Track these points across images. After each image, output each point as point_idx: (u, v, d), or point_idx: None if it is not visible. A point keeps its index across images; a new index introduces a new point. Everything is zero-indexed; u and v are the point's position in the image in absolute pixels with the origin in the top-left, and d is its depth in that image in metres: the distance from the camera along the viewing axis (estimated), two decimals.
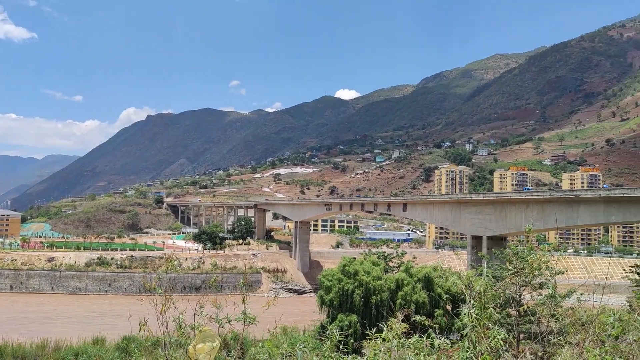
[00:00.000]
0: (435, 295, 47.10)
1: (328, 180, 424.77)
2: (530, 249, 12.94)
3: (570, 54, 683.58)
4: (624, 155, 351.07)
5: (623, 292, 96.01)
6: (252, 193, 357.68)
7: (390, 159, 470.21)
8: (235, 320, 8.24)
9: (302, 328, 59.73)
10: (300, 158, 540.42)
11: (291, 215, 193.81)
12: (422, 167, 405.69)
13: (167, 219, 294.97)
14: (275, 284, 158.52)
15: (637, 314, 8.14)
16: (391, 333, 6.97)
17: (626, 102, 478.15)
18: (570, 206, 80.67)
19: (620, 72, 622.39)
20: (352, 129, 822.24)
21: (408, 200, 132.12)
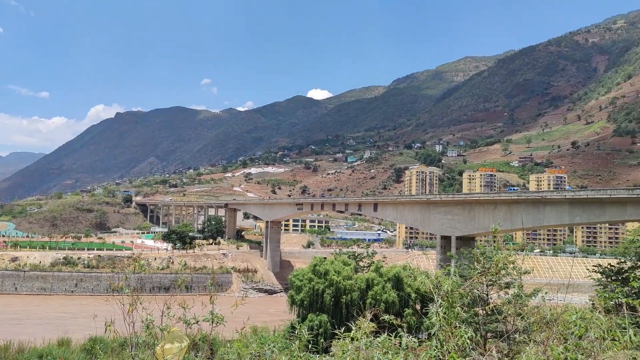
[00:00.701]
0: (405, 295, 47.50)
1: (299, 180, 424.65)
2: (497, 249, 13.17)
3: (538, 57, 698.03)
4: (589, 157, 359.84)
5: (586, 291, 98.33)
6: (222, 192, 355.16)
7: (361, 159, 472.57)
8: (203, 321, 8.17)
9: (272, 328, 59.59)
10: (272, 157, 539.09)
11: (262, 215, 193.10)
12: (392, 167, 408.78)
13: (136, 218, 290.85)
14: (245, 284, 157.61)
15: (599, 313, 8.36)
16: (360, 332, 7.01)
17: (591, 105, 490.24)
18: (536, 207, 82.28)
19: (585, 77, 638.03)
20: (324, 129, 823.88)
21: (379, 201, 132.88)
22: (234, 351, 9.21)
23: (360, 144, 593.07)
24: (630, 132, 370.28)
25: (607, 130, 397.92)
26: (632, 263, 53.00)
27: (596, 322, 8.00)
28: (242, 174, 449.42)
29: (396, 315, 44.11)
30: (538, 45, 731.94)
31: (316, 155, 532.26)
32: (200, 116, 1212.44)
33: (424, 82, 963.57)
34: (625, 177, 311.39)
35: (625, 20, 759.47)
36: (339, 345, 7.13)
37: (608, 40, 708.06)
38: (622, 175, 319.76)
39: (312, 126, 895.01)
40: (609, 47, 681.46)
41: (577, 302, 64.10)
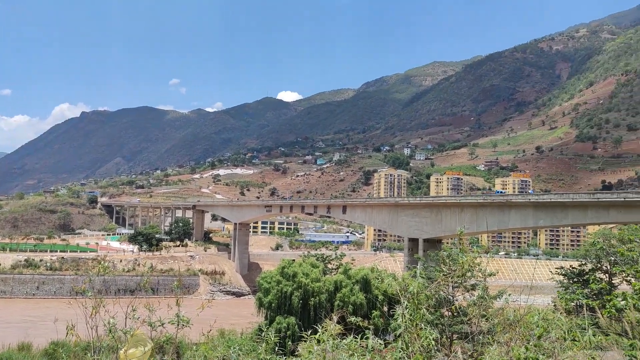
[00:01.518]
0: (373, 297, 47.75)
1: (268, 181, 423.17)
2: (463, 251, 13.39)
3: (504, 64, 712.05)
4: (552, 162, 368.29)
5: (549, 293, 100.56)
6: (190, 194, 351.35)
7: (330, 161, 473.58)
8: (169, 323, 8.06)
9: (240, 331, 59.19)
10: (241, 159, 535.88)
11: (230, 217, 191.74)
12: (361, 170, 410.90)
13: (102, 219, 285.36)
14: (213, 287, 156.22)
15: (560, 314, 8.56)
16: (326, 334, 7.03)
17: (554, 111, 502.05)
18: (502, 210, 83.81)
19: (549, 83, 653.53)
20: (294, 131, 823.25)
21: (348, 203, 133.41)
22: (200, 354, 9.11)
23: (330, 147, 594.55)
24: (591, 137, 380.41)
25: (570, 135, 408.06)
26: (593, 265, 54.43)
27: (557, 323, 8.21)
28: (210, 175, 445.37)
29: (364, 317, 44.26)
30: (504, 52, 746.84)
31: (285, 157, 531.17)
32: (168, 116, 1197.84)
33: (394, 86, 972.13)
34: (586, 182, 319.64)
35: (587, 29, 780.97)
36: (305, 348, 7.13)
37: (571, 48, 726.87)
38: (584, 179, 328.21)
39: (282, 128, 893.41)
40: (572, 55, 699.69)
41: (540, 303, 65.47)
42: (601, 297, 32.03)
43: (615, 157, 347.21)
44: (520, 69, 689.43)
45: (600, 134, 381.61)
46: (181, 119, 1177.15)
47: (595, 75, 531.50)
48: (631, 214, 67.27)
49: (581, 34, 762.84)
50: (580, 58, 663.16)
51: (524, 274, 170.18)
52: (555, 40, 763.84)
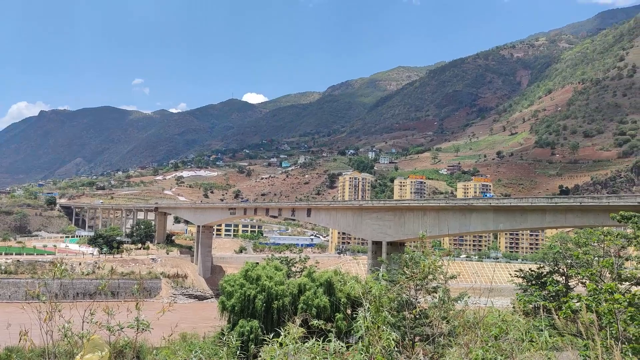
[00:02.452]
0: (336, 300, 47.93)
1: (233, 184, 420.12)
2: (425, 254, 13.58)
3: (467, 70, 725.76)
4: (512, 167, 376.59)
5: (509, 295, 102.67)
6: (153, 196, 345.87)
7: (295, 164, 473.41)
8: (128, 327, 7.90)
9: (202, 334, 58.52)
10: (205, 161, 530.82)
11: (194, 219, 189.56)
12: (326, 173, 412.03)
13: (60, 221, 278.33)
14: (175, 290, 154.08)
15: (518, 315, 8.76)
16: (288, 338, 7.01)
17: (515, 117, 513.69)
18: (463, 214, 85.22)
19: (510, 90, 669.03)
20: (259, 133, 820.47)
21: (312, 206, 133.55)
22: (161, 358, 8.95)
23: (295, 149, 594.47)
24: (550, 143, 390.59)
25: (530, 141, 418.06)
26: (550, 268, 55.84)
27: (515, 324, 8.39)
28: (173, 177, 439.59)
29: (328, 319, 44.41)
30: (467, 58, 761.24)
31: (250, 159, 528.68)
32: (130, 117, 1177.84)
33: (359, 90, 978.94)
34: (545, 186, 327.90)
35: (547, 38, 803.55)
36: (266, 351, 7.10)
37: (531, 56, 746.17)
38: (542, 184, 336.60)
39: (247, 130, 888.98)
40: (532, 63, 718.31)
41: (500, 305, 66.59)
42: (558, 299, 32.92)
43: (572, 162, 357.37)
44: (482, 76, 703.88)
45: (558, 140, 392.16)
46: (144, 119, 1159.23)
47: (553, 83, 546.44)
48: (587, 218, 69.31)
49: (541, 43, 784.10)
50: (539, 66, 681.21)
51: (484, 277, 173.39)
52: (516, 48, 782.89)
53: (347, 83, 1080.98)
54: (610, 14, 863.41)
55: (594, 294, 16.78)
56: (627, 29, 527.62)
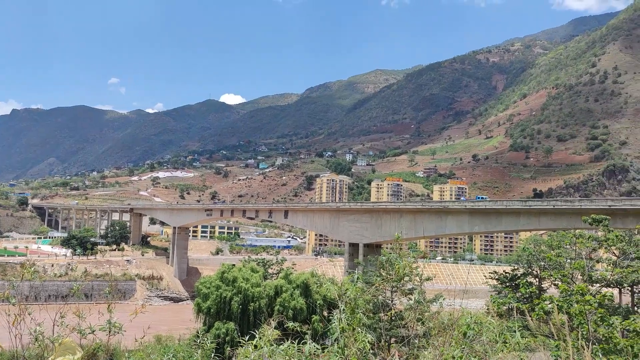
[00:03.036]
0: (313, 301, 47.92)
1: (209, 185, 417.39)
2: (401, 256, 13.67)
3: (444, 74, 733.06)
4: (488, 170, 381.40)
5: (483, 297, 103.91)
6: (128, 196, 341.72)
7: (273, 166, 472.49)
8: (100, 330, 7.78)
9: (177, 337, 57.94)
10: (181, 162, 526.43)
11: (169, 221, 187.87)
12: (304, 175, 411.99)
13: (32, 222, 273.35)
14: (150, 292, 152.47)
15: (491, 317, 8.86)
16: (263, 340, 6.99)
17: (490, 121, 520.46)
18: (439, 216, 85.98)
19: (486, 94, 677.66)
20: (236, 135, 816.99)
21: (289, 208, 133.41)
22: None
23: (273, 151, 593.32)
24: (524, 147, 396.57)
25: (505, 145, 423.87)
26: (524, 270, 56.68)
27: (488, 326, 8.50)
28: (149, 177, 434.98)
29: (304, 321, 44.38)
30: (444, 62, 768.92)
31: (227, 160, 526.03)
32: (106, 116, 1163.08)
33: (337, 92, 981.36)
34: (519, 190, 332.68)
35: (522, 43, 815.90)
36: (241, 353, 7.06)
37: (506, 60, 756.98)
38: (517, 187, 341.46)
39: (224, 131, 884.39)
40: (507, 67, 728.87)
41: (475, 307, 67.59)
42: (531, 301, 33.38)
43: (546, 166, 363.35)
44: (458, 79, 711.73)
45: (533, 144, 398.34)
46: (120, 119, 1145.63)
47: (528, 87, 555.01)
48: (560, 221, 70.51)
49: (516, 48, 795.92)
50: (514, 71, 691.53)
51: (459, 279, 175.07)
52: (492, 52, 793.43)
53: (325, 85, 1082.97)
54: (583, 20, 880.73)
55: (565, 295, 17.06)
56: (599, 35, 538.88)
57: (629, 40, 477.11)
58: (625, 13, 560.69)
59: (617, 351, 12.30)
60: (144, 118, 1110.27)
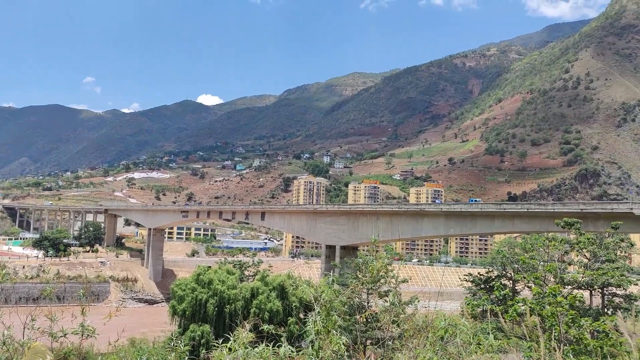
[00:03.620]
0: (289, 304, 47.80)
1: (186, 186, 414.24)
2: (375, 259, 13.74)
3: (421, 77, 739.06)
4: (463, 173, 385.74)
5: (458, 299, 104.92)
6: (103, 197, 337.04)
7: (250, 167, 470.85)
8: (72, 334, 7.65)
9: (152, 339, 57.29)
10: (157, 163, 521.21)
11: (145, 222, 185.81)
12: (281, 177, 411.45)
13: (3, 223, 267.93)
14: (124, 294, 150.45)
15: (465, 319, 8.96)
16: (238, 342, 6.96)
17: (466, 125, 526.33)
18: (415, 219, 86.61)
19: (462, 98, 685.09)
20: (213, 136, 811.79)
21: (267, 210, 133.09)
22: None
23: (250, 152, 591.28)
24: (499, 151, 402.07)
25: (480, 148, 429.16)
26: (498, 272, 57.37)
27: (462, 328, 8.59)
28: (124, 178, 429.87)
29: (280, 324, 44.32)
30: (421, 66, 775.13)
31: (204, 161, 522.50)
32: (81, 116, 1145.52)
33: (315, 94, 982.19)
34: (494, 193, 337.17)
35: (497, 48, 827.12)
36: (215, 357, 7.02)
37: (482, 65, 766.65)
38: (492, 190, 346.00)
39: (201, 132, 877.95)
40: (483, 72, 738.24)
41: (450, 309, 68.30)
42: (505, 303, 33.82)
43: (520, 170, 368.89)
44: (435, 83, 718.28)
45: (507, 148, 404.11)
46: (95, 119, 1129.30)
47: (503, 92, 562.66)
48: (533, 224, 71.61)
49: (492, 53, 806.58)
50: (490, 75, 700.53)
51: (435, 281, 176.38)
52: (468, 57, 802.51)
53: (304, 87, 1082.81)
54: (557, 27, 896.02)
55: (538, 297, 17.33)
56: (572, 42, 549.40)
57: (600, 48, 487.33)
58: (597, 21, 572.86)
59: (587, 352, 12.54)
60: (120, 118, 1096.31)
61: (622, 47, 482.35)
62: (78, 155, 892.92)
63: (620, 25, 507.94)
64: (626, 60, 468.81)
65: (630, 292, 41.87)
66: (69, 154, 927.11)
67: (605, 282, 38.41)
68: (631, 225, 62.19)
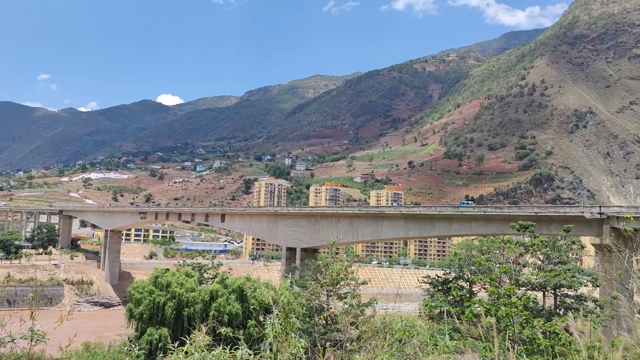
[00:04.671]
0: (249, 306, 47.50)
1: (144, 187, 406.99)
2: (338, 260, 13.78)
3: (382, 81, 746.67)
4: (422, 176, 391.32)
5: (417, 300, 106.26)
6: (57, 198, 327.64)
7: (211, 168, 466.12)
8: (21, 339, 7.40)
9: (107, 343, 56.04)
10: (115, 163, 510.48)
11: (102, 224, 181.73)
12: (242, 178, 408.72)
13: None
14: (79, 297, 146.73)
15: (421, 320, 9.08)
16: (194, 346, 6.86)
17: (425, 129, 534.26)
18: (375, 221, 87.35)
19: (422, 102, 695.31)
20: (173, 136, 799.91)
21: (227, 211, 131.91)
22: None
23: (211, 153, 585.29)
24: (457, 155, 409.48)
25: (439, 152, 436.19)
26: (456, 274, 58.34)
27: (419, 329, 8.70)
28: (80, 179, 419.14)
29: (240, 326, 43.99)
30: (382, 70, 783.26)
31: (163, 162, 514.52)
32: (35, 114, 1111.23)
33: (277, 96, 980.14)
34: (452, 196, 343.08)
35: (457, 54, 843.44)
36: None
37: (442, 71, 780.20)
38: (450, 194, 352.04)
39: (161, 132, 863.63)
40: (443, 77, 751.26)
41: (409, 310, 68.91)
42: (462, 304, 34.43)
43: (478, 173, 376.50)
44: (396, 87, 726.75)
45: (466, 152, 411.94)
46: (50, 117, 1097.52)
47: (462, 97, 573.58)
48: (490, 226, 73.18)
49: (451, 59, 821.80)
50: (449, 80, 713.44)
51: (394, 282, 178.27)
52: (428, 62, 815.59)
53: (266, 88, 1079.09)
54: (514, 35, 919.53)
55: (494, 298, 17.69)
56: (528, 50, 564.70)
57: (554, 56, 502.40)
58: (551, 30, 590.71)
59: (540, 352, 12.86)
60: (76, 117, 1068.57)
61: (575, 56, 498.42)
62: (32, 154, 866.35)
63: (573, 35, 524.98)
64: (578, 69, 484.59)
65: (581, 293, 43.23)
66: (21, 153, 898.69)
67: (557, 284, 39.52)
68: (582, 228, 64.25)
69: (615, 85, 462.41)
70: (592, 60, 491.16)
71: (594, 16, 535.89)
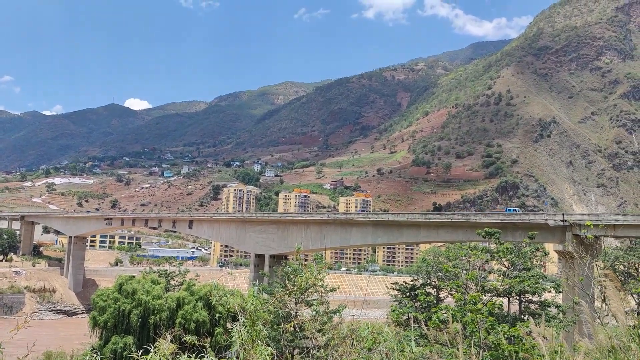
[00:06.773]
0: (216, 314, 47.01)
1: (110, 193, 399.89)
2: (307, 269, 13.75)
3: (352, 89, 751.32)
4: (391, 183, 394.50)
5: (385, 307, 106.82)
6: (19, 203, 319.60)
7: (179, 174, 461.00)
8: None
9: (70, 353, 54.71)
10: (80, 168, 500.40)
11: (65, 230, 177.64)
12: (211, 184, 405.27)
13: None
14: (41, 305, 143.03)
15: (388, 327, 9.12)
16: (158, 354, 6.75)
17: (394, 137, 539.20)
18: (344, 228, 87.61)
19: (391, 110, 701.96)
20: (140, 141, 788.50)
21: (195, 218, 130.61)
22: None
23: (179, 159, 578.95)
24: (425, 162, 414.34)
25: (408, 160, 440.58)
26: (423, 280, 58.84)
27: (386, 335, 8.73)
28: (44, 184, 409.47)
29: (207, 334, 43.45)
30: (352, 78, 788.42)
31: (130, 167, 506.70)
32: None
33: (247, 102, 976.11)
34: (420, 203, 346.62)
35: (425, 63, 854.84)
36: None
37: (411, 79, 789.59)
38: (418, 201, 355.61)
39: (128, 137, 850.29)
40: (412, 85, 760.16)
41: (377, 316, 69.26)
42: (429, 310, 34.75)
43: (445, 181, 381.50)
44: (365, 95, 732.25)
45: (433, 159, 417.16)
46: (13, 120, 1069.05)
47: (430, 105, 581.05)
48: (457, 233, 74.14)
49: (420, 67, 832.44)
50: (418, 89, 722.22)
51: (363, 289, 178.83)
52: (397, 70, 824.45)
53: (235, 94, 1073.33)
54: (481, 45, 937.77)
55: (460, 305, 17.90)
56: (495, 60, 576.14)
57: (520, 67, 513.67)
58: (517, 41, 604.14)
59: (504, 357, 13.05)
60: (40, 120, 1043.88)
61: (539, 66, 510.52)
62: None
63: (537, 47, 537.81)
64: (543, 80, 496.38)
65: (545, 299, 44.06)
66: None
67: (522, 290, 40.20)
68: (546, 235, 65.62)
69: (577, 96, 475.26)
70: (556, 71, 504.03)
71: (557, 28, 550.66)
